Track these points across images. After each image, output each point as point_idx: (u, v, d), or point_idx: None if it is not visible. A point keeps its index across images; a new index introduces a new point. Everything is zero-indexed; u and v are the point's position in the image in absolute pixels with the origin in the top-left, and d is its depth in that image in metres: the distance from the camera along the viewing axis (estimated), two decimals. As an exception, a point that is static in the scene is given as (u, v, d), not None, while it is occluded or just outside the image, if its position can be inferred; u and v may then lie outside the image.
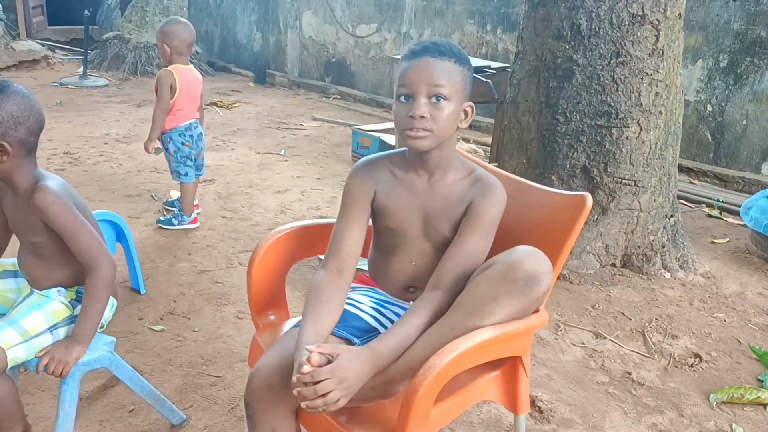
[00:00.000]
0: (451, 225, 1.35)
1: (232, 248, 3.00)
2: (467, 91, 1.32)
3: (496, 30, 5.50)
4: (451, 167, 1.37)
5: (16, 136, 1.51)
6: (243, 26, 7.91)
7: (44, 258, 1.62)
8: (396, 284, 1.43)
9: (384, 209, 1.38)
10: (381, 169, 1.39)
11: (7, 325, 1.54)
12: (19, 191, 1.57)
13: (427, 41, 1.32)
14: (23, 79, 6.61)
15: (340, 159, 4.60)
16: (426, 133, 1.26)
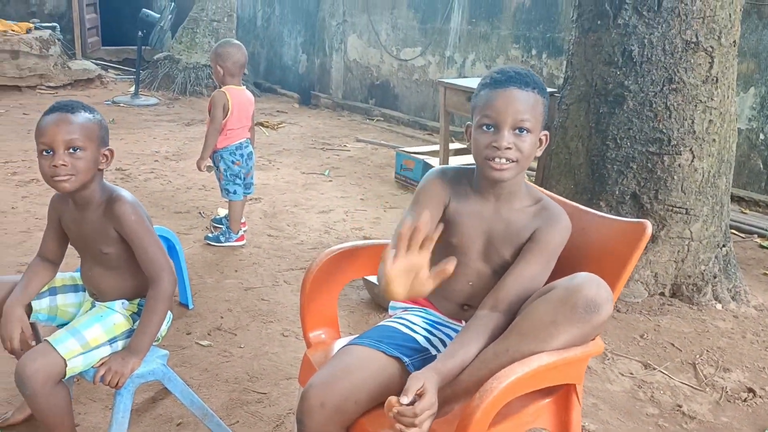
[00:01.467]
0: (512, 250, 1.36)
1: (278, 266, 3.04)
2: (545, 121, 1.34)
3: (542, 55, 5.49)
4: (518, 194, 1.39)
5: (106, 148, 1.60)
6: (289, 48, 8.08)
7: (112, 269, 1.67)
8: (451, 302, 1.45)
9: (451, 222, 1.40)
10: (458, 182, 1.42)
11: (69, 335, 1.59)
12: (91, 203, 1.63)
13: (510, 70, 1.34)
14: (78, 97, 6.85)
15: (383, 180, 4.63)
16: (510, 164, 1.29)
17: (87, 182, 1.59)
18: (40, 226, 3.31)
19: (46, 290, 1.77)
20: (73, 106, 1.58)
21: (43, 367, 1.52)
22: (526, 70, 1.35)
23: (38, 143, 1.55)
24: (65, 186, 1.55)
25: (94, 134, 1.58)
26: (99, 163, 1.60)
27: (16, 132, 5.26)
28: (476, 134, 1.33)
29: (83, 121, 1.56)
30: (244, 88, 3.21)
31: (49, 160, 1.53)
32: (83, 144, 1.54)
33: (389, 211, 3.96)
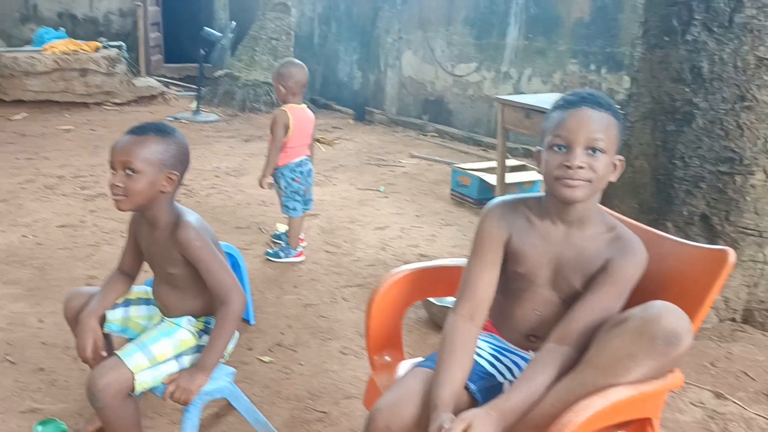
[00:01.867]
0: (583, 279, 1.32)
1: (336, 283, 3.06)
2: (619, 144, 1.30)
3: (601, 70, 5.40)
4: (590, 220, 1.34)
5: (179, 171, 1.64)
6: (344, 65, 8.18)
7: (178, 288, 1.72)
8: (517, 331, 1.41)
9: (516, 254, 1.36)
10: (516, 213, 1.39)
11: (137, 349, 1.63)
12: (159, 224, 1.68)
13: (583, 92, 1.32)
14: (142, 113, 7.11)
15: (438, 197, 4.61)
16: (582, 182, 1.26)
17: (145, 204, 1.63)
18: (107, 239, 3.44)
19: (120, 302, 1.83)
20: (144, 129, 1.63)
21: (114, 380, 1.57)
22: (600, 93, 1.32)
23: (108, 161, 1.63)
24: (119, 205, 1.62)
25: (155, 158, 1.60)
26: (160, 186, 1.62)
27: (84, 147, 5.48)
28: (548, 155, 1.30)
29: (146, 143, 1.60)
30: (305, 107, 3.27)
31: (111, 178, 1.60)
32: (140, 167, 1.58)
33: (445, 229, 3.94)
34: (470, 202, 4.40)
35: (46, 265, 3.06)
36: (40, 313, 2.58)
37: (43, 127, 6.20)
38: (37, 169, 4.69)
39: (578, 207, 1.31)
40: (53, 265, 3.07)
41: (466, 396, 1.31)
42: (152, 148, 1.60)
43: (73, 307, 1.79)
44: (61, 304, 2.59)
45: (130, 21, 8.68)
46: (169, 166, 1.62)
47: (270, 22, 7.67)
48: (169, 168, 1.63)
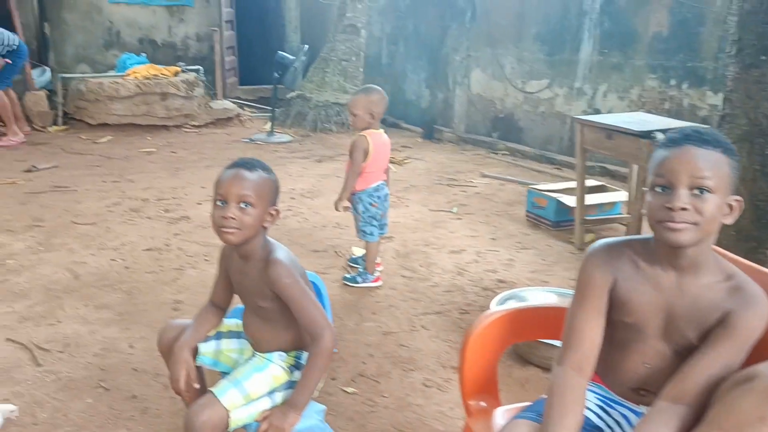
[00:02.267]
0: (698, 331, 1.23)
1: (414, 309, 3.04)
2: (734, 184, 1.22)
3: (681, 85, 5.20)
4: (705, 267, 1.25)
5: (273, 206, 1.67)
6: (412, 84, 8.21)
7: (269, 321, 1.74)
8: (625, 384, 1.33)
9: (622, 302, 1.29)
10: (622, 257, 1.31)
11: (231, 386, 1.66)
12: (252, 258, 1.71)
13: (688, 129, 1.25)
14: (219, 135, 7.34)
15: (513, 218, 4.53)
16: (687, 225, 1.18)
17: (251, 237, 1.67)
18: (191, 263, 3.54)
19: (212, 335, 1.86)
20: (252, 165, 1.67)
21: (210, 418, 1.59)
22: (707, 129, 1.25)
23: (215, 193, 1.65)
24: (230, 238, 1.64)
25: (265, 193, 1.65)
26: (265, 220, 1.67)
27: (165, 169, 5.70)
28: (650, 197, 1.24)
29: (257, 180, 1.64)
30: (382, 131, 3.28)
31: (221, 210, 1.62)
32: (254, 201, 1.62)
33: (522, 252, 3.86)
34: (547, 224, 4.30)
35: (134, 289, 3.18)
36: (130, 338, 2.67)
37: (126, 150, 6.49)
38: (122, 192, 4.90)
39: (688, 252, 1.23)
40: (141, 289, 3.18)
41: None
42: (263, 183, 1.65)
43: (167, 340, 1.84)
44: (149, 329, 2.72)
45: (206, 45, 9.01)
46: (272, 201, 1.69)
47: (340, 43, 7.79)
48: (272, 203, 1.68)
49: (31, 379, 2.32)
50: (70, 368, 2.43)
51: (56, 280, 3.23)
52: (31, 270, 3.35)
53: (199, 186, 5.10)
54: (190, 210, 4.49)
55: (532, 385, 2.41)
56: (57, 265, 3.44)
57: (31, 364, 2.44)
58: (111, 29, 8.66)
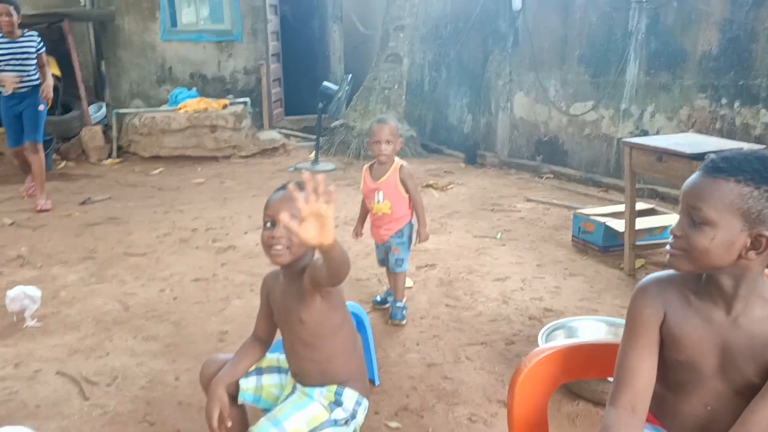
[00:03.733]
0: (757, 368, 1.16)
1: (458, 340, 2.99)
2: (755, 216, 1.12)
3: (733, 104, 5.03)
4: (757, 299, 1.19)
5: None
6: (454, 109, 8.21)
7: (309, 346, 1.71)
8: (686, 428, 1.26)
9: (673, 338, 1.24)
10: (672, 291, 1.26)
11: (271, 426, 1.65)
12: (297, 280, 1.70)
13: (715, 156, 1.19)
14: (265, 165, 7.48)
15: (559, 244, 4.44)
16: (678, 252, 1.18)
17: (300, 256, 1.68)
18: (237, 293, 3.59)
19: (253, 370, 1.86)
20: (300, 186, 1.69)
21: None
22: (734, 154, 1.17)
23: (264, 215, 1.69)
24: (280, 258, 1.66)
25: None
26: None
27: (214, 200, 5.82)
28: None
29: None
30: None
31: (270, 231, 1.65)
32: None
33: (569, 280, 3.77)
34: (594, 249, 4.20)
35: (182, 320, 3.23)
36: (176, 371, 2.71)
37: (178, 181, 6.68)
38: (173, 222, 5.02)
39: (726, 282, 1.18)
40: (188, 319, 3.23)
41: None
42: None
43: (208, 375, 1.85)
44: (195, 361, 2.75)
45: (254, 78, 9.24)
46: None
47: (383, 72, 7.88)
48: None
49: (78, 413, 2.37)
50: (117, 402, 2.47)
51: (106, 312, 3.32)
52: (83, 301, 3.45)
53: (246, 215, 5.19)
54: (236, 239, 4.56)
55: (582, 421, 2.33)
56: (108, 296, 3.53)
57: (79, 398, 2.50)
58: (164, 65, 8.98)
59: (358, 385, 1.75)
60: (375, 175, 3.10)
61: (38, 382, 2.62)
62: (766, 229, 1.12)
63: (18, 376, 2.66)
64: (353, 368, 1.75)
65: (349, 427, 1.71)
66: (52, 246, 4.41)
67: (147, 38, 8.80)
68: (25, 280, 3.69)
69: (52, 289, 3.61)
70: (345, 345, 1.73)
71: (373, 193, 3.10)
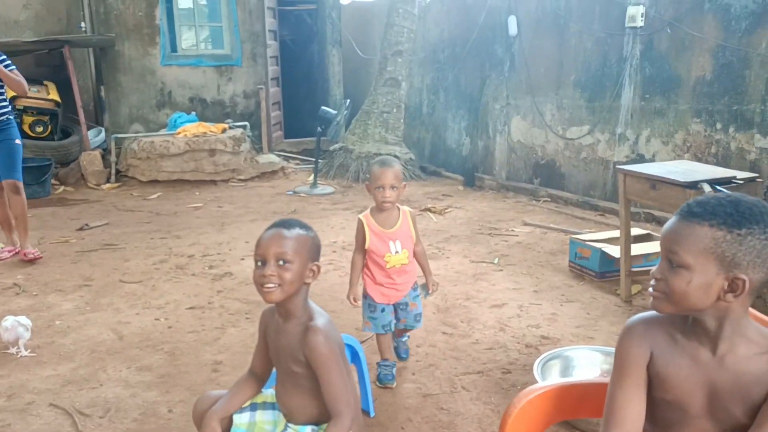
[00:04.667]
0: (745, 408, 1.16)
1: (455, 369, 2.98)
2: (730, 260, 1.13)
3: (728, 129, 5.06)
4: (742, 338, 1.19)
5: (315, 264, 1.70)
6: (453, 132, 8.26)
7: (300, 388, 1.72)
8: None
9: (660, 378, 1.24)
10: (659, 330, 1.27)
11: None
12: (292, 318, 1.71)
13: (692, 200, 1.21)
14: (264, 188, 7.50)
15: (556, 269, 4.44)
16: (659, 294, 1.21)
17: (292, 294, 1.68)
18: (232, 321, 3.57)
19: (247, 406, 1.85)
20: (290, 224, 1.71)
21: None
22: (708, 198, 1.19)
23: (255, 254, 1.69)
24: (271, 296, 1.66)
25: (304, 249, 1.68)
26: (306, 276, 1.69)
27: (212, 225, 5.83)
28: None
29: (295, 237, 1.67)
30: None
31: (260, 270, 1.65)
32: (291, 257, 1.64)
33: (566, 306, 3.76)
34: (591, 275, 4.19)
35: (176, 349, 3.21)
36: (169, 402, 2.69)
37: (175, 206, 6.69)
38: (169, 249, 5.02)
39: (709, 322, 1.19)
40: (182, 349, 3.22)
41: None
42: (301, 240, 1.68)
43: (202, 411, 1.84)
44: (189, 392, 2.73)
45: (253, 102, 9.30)
46: (312, 258, 1.71)
47: (382, 96, 7.94)
48: (313, 260, 1.71)
49: (72, 446, 2.36)
50: (110, 434, 2.46)
51: (101, 342, 3.31)
52: (78, 331, 3.44)
53: (243, 241, 5.19)
54: (233, 266, 4.56)
55: (577, 453, 2.31)
56: (102, 325, 3.52)
57: (72, 431, 2.48)
58: (163, 90, 9.05)
59: (355, 425, 1.74)
60: (384, 223, 2.76)
61: (31, 414, 2.60)
62: (742, 272, 1.13)
63: (11, 408, 2.64)
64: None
65: None
66: (49, 273, 4.40)
67: (147, 63, 8.88)
68: (20, 309, 3.68)
69: (47, 318, 3.60)
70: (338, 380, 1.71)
71: (387, 244, 2.74)
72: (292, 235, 1.67)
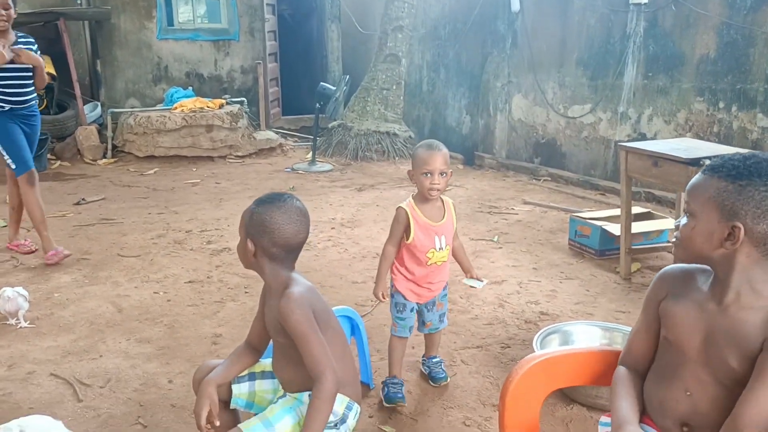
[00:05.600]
0: (739, 357, 1.19)
1: (454, 343, 2.98)
2: (729, 208, 1.19)
3: (731, 107, 5.03)
4: (750, 291, 1.22)
5: (259, 242, 1.68)
6: (453, 110, 8.20)
7: (290, 359, 1.71)
8: (669, 417, 1.29)
9: (666, 316, 1.34)
10: (680, 277, 1.36)
11: (261, 426, 1.64)
12: (271, 291, 1.73)
13: (714, 158, 1.28)
14: (262, 165, 7.46)
15: (555, 247, 4.43)
16: (676, 242, 1.30)
17: (249, 267, 1.74)
18: (231, 296, 3.57)
19: (245, 375, 1.85)
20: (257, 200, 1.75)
21: None
22: (726, 155, 1.27)
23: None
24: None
25: (242, 225, 1.74)
26: (249, 252, 1.71)
27: (209, 201, 5.80)
28: None
29: (242, 215, 1.76)
30: None
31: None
32: (239, 233, 1.75)
33: (565, 283, 3.76)
34: (591, 253, 4.19)
35: (175, 322, 3.21)
36: (170, 374, 2.69)
37: (172, 182, 6.65)
38: (167, 224, 5.00)
39: (720, 271, 1.25)
40: (182, 322, 3.21)
41: None
42: (243, 215, 1.75)
43: (201, 379, 1.84)
44: (188, 363, 2.73)
45: (251, 77, 9.21)
46: (250, 233, 1.71)
47: (381, 73, 7.86)
48: (251, 235, 1.70)
49: (72, 415, 2.35)
50: (110, 404, 2.45)
51: (100, 314, 3.30)
52: (77, 303, 3.43)
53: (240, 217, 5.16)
54: (231, 241, 4.54)
55: (576, 425, 2.31)
56: (101, 298, 3.51)
57: (73, 400, 2.48)
58: (159, 64, 8.95)
59: (349, 390, 1.74)
60: (431, 215, 2.43)
61: (32, 383, 2.60)
62: (740, 221, 1.18)
63: (12, 378, 2.64)
64: (343, 373, 1.74)
65: (339, 431, 1.70)
66: (47, 246, 4.38)
67: (143, 37, 8.77)
68: (19, 281, 3.66)
69: (45, 291, 3.59)
70: (332, 351, 1.70)
71: (433, 239, 2.42)
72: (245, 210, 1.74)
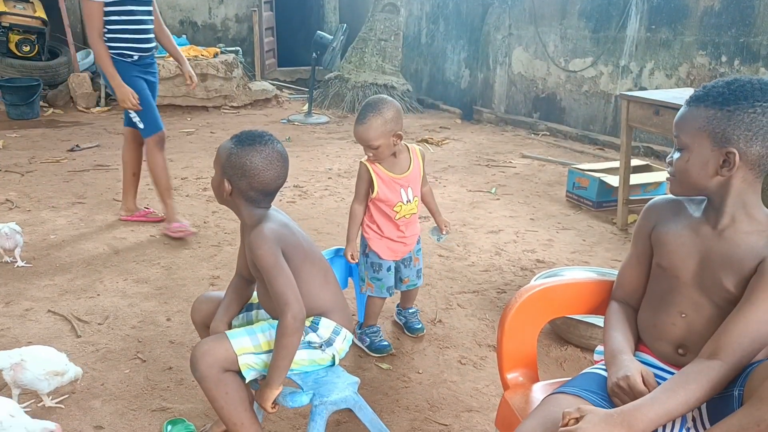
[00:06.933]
0: (735, 279, 1.19)
1: (450, 288, 3.00)
2: (720, 135, 1.18)
3: (733, 61, 4.97)
4: (745, 216, 1.23)
5: (237, 183, 1.66)
6: (452, 64, 8.09)
7: (266, 289, 1.72)
8: (664, 340, 1.30)
9: (658, 244, 1.32)
10: (671, 207, 1.35)
11: (245, 333, 1.68)
12: (246, 227, 1.73)
13: (698, 89, 1.26)
14: (257, 116, 7.37)
15: (552, 199, 4.43)
16: (671, 178, 1.29)
17: (224, 205, 1.76)
18: (228, 240, 3.56)
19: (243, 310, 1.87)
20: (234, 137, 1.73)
21: (212, 349, 1.62)
22: (709, 84, 1.24)
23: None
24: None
25: (218, 162, 1.71)
26: (226, 192, 1.70)
27: (204, 150, 5.74)
28: None
29: (218, 150, 1.73)
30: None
31: None
32: (215, 168, 1.75)
33: (562, 233, 3.77)
34: (588, 204, 4.19)
35: (173, 264, 3.21)
36: (168, 312, 2.70)
37: (167, 130, 6.51)
38: (163, 171, 4.94)
39: (715, 198, 1.24)
40: (179, 264, 3.21)
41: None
42: (218, 153, 1.72)
43: (200, 311, 1.86)
44: (186, 303, 2.74)
45: (246, 26, 9.04)
46: (228, 174, 1.68)
47: (379, 23, 7.72)
48: (229, 176, 1.68)
49: (71, 350, 2.36)
50: (109, 340, 2.47)
51: (97, 255, 3.29)
52: (73, 245, 3.42)
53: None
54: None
55: (570, 365, 2.35)
56: (97, 240, 3.50)
57: (71, 335, 2.49)
58: (152, 12, 8.76)
59: (337, 316, 1.76)
60: (394, 168, 2.32)
61: (29, 319, 2.60)
62: (733, 146, 1.18)
63: (9, 314, 2.65)
64: (327, 301, 1.75)
65: (326, 354, 1.72)
66: (41, 191, 4.35)
67: (137, -17, 8.55)
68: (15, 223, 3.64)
69: (41, 233, 3.57)
70: (312, 282, 1.71)
71: (399, 192, 2.32)
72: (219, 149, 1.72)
